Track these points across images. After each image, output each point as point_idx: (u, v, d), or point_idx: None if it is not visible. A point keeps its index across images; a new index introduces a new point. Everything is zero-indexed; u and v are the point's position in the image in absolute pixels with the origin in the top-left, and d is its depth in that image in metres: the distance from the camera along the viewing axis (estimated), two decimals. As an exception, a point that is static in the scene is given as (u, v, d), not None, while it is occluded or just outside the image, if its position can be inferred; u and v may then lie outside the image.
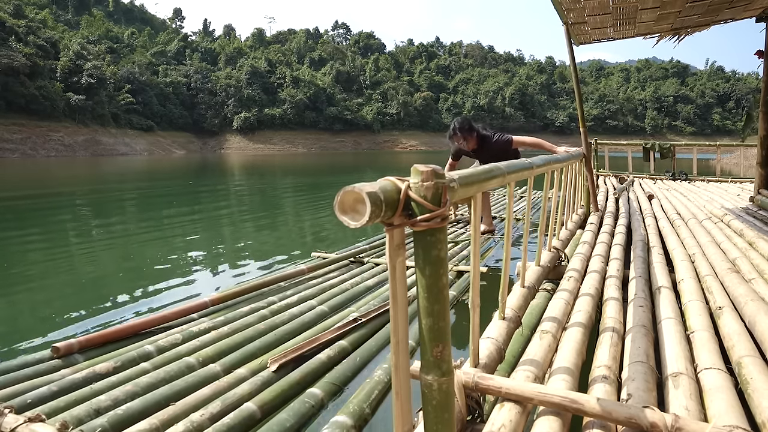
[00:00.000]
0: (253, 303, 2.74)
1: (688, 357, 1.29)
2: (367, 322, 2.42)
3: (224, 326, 2.37)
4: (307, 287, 3.06)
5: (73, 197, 10.65)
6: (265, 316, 2.53)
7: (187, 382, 1.83)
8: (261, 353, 2.09)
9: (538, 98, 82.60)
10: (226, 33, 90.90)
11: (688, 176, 7.94)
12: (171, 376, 1.87)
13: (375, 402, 1.73)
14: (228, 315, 2.54)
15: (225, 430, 1.52)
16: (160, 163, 30.99)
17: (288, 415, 1.62)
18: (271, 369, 1.92)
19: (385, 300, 2.72)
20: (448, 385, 0.81)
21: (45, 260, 4.67)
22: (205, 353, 2.06)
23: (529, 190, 1.79)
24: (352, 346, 2.20)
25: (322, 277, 3.32)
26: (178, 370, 1.91)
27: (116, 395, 1.71)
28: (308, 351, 2.08)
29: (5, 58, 41.82)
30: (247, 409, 1.64)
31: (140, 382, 1.80)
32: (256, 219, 7.68)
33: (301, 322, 2.44)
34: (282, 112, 68.23)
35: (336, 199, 0.66)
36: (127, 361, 1.98)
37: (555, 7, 3.05)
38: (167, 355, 2.06)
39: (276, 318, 2.48)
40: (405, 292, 0.81)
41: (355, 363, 2.05)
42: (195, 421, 1.55)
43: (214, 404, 1.65)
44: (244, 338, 2.23)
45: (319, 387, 1.82)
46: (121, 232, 6.40)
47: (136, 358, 2.02)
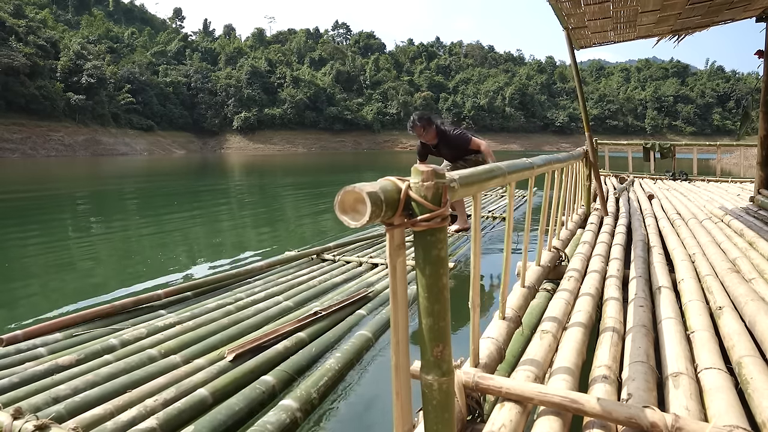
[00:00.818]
0: (220, 298, 2.84)
1: (689, 357, 1.30)
2: (328, 315, 2.52)
3: (189, 321, 2.44)
4: (275, 283, 3.15)
5: (71, 195, 10.67)
6: (230, 311, 2.61)
7: (146, 372, 1.91)
8: (222, 345, 2.17)
9: (538, 98, 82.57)
10: (226, 33, 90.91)
11: (688, 176, 7.94)
12: (132, 366, 1.94)
13: (323, 388, 1.84)
14: (195, 310, 2.62)
15: (175, 413, 1.61)
16: (160, 163, 31.03)
17: (238, 400, 1.71)
18: (228, 359, 2.00)
19: (349, 295, 2.82)
20: (449, 385, 0.81)
21: (36, 254, 4.78)
22: (167, 345, 2.14)
23: (530, 190, 1.79)
24: (310, 337, 2.30)
25: (291, 274, 3.43)
26: (139, 361, 1.99)
27: (76, 385, 1.78)
28: (266, 342, 2.16)
29: (5, 58, 41.81)
30: (199, 395, 1.73)
31: (101, 372, 1.87)
32: (244, 216, 7.81)
33: (264, 317, 2.53)
34: (282, 112, 68.22)
35: (336, 199, 0.66)
36: (90, 354, 2.05)
37: (555, 13, 3.04)
38: (130, 348, 2.13)
39: (240, 313, 2.57)
40: (405, 292, 0.81)
41: (311, 353, 2.14)
42: (148, 406, 1.63)
43: (169, 391, 1.74)
44: (207, 332, 2.31)
45: (273, 375, 1.90)
46: (115, 228, 6.54)
47: (100, 351, 2.09)
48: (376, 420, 1.80)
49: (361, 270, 3.57)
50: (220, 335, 2.26)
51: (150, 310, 2.64)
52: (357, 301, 2.78)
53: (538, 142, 74.93)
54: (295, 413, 1.64)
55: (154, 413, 1.60)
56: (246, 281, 3.23)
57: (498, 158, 1.46)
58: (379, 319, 2.56)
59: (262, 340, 2.16)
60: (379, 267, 3.59)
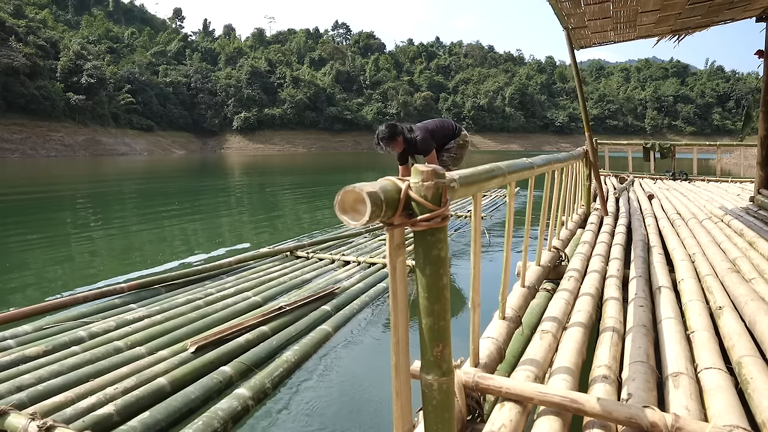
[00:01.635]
0: (191, 293, 2.92)
1: (689, 357, 1.29)
2: (292, 311, 2.59)
3: (158, 314, 2.52)
4: (246, 279, 3.22)
5: (67, 195, 10.68)
6: (199, 305, 2.68)
7: (110, 362, 1.98)
8: (187, 338, 2.24)
9: (538, 98, 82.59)
10: (226, 33, 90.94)
11: (688, 176, 7.93)
12: (97, 357, 2.02)
13: (278, 378, 1.95)
14: (164, 304, 2.69)
15: (133, 400, 1.70)
16: (160, 162, 31.05)
17: (195, 389, 1.81)
18: (190, 351, 2.08)
19: (317, 291, 2.91)
20: (449, 384, 0.81)
21: (23, 249, 4.87)
22: (133, 338, 2.21)
23: (530, 190, 1.79)
24: (272, 331, 2.38)
25: (263, 270, 3.49)
26: (105, 352, 2.06)
27: (41, 374, 1.84)
28: (229, 335, 2.24)
29: (5, 58, 41.82)
30: (158, 383, 1.81)
31: (66, 362, 1.94)
32: (234, 214, 7.90)
33: (231, 311, 2.59)
34: (282, 112, 68.23)
35: (336, 199, 0.66)
36: (58, 345, 2.11)
37: (555, 13, 3.04)
38: (98, 340, 2.20)
39: (209, 307, 2.64)
40: (405, 292, 0.81)
41: (271, 346, 2.22)
42: (108, 394, 1.72)
43: (129, 380, 1.82)
44: (174, 325, 2.37)
45: (231, 366, 2.00)
46: (107, 224, 6.62)
47: (68, 342, 2.15)
48: (324, 407, 1.89)
49: (333, 267, 3.63)
50: (186, 329, 2.34)
51: (122, 303, 2.72)
52: (323, 297, 2.86)
53: (538, 142, 74.96)
54: (247, 401, 1.76)
55: (113, 400, 1.69)
56: (218, 277, 3.32)
57: (498, 158, 1.46)
58: (342, 315, 2.65)
59: (225, 333, 2.24)
60: (351, 265, 3.67)
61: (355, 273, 3.46)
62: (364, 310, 2.83)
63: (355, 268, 3.58)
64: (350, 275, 3.38)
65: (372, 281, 3.28)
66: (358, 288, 3.12)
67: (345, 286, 3.11)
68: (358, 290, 3.08)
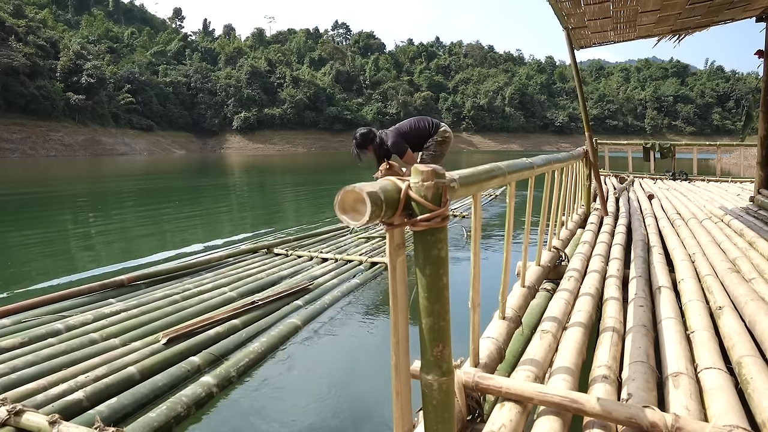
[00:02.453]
0: (169, 288, 2.98)
1: (689, 357, 1.29)
2: (264, 305, 2.67)
3: (135, 308, 2.58)
4: (224, 276, 3.29)
5: (65, 194, 10.69)
6: (175, 300, 2.74)
7: (84, 353, 2.04)
8: (161, 331, 2.29)
9: (538, 98, 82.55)
10: (226, 33, 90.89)
11: (688, 176, 7.93)
12: (72, 348, 2.08)
13: (243, 368, 2.05)
14: (142, 298, 2.76)
15: (103, 387, 1.78)
16: (160, 162, 31.04)
17: (163, 377, 1.89)
18: (161, 342, 2.16)
19: (291, 287, 2.97)
20: (449, 384, 0.80)
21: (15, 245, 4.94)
22: (109, 330, 2.27)
23: (530, 190, 1.78)
24: (243, 324, 2.45)
25: (242, 266, 3.55)
26: (80, 344, 2.12)
27: (15, 364, 1.89)
28: (200, 328, 2.31)
29: (5, 58, 41.78)
30: (128, 372, 1.89)
31: (42, 353, 2.00)
32: (223, 212, 7.97)
33: (206, 306, 2.66)
34: (282, 112, 68.18)
35: (336, 199, 0.66)
36: (34, 337, 2.17)
37: (555, 13, 3.04)
38: (74, 332, 2.26)
39: (185, 302, 2.71)
40: (405, 292, 0.81)
41: (240, 338, 2.31)
42: (80, 382, 1.80)
43: (101, 369, 1.90)
44: (150, 318, 2.44)
45: (200, 356, 2.08)
46: (100, 221, 6.74)
47: (44, 335, 2.21)
48: (285, 396, 1.96)
49: (310, 264, 3.69)
50: (161, 322, 2.40)
51: (101, 298, 2.77)
52: (297, 292, 2.93)
53: (538, 142, 74.94)
54: (211, 388, 1.87)
55: (84, 387, 1.76)
56: (198, 273, 3.38)
57: (498, 158, 1.46)
58: (312, 309, 2.73)
59: (196, 326, 2.31)
60: (328, 262, 3.73)
61: (331, 270, 3.52)
62: (334, 305, 2.91)
63: (332, 265, 3.65)
64: (326, 272, 3.45)
65: (346, 278, 3.35)
66: (331, 284, 3.19)
67: (319, 282, 3.19)
68: (330, 286, 3.15)
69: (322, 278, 3.28)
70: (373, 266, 3.63)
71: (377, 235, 4.50)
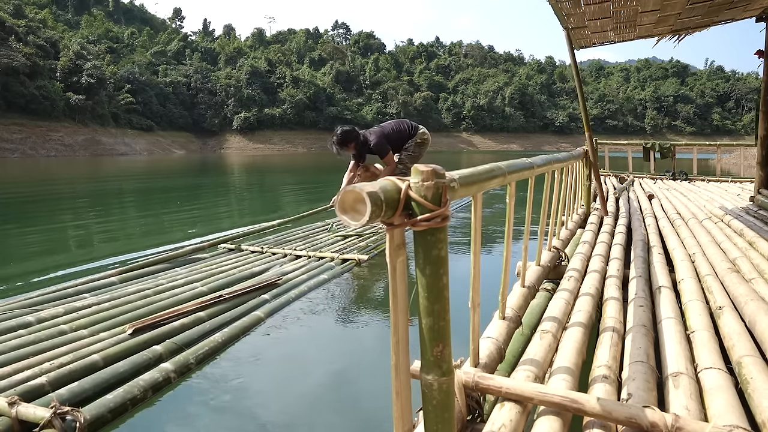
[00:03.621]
0: (142, 283, 3.04)
1: (689, 357, 1.29)
2: (231, 298, 2.74)
3: (107, 302, 2.63)
4: (198, 271, 3.34)
5: (62, 193, 10.71)
6: (147, 295, 2.79)
7: (52, 343, 2.10)
8: (128, 323, 2.34)
9: (538, 98, 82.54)
10: (226, 33, 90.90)
11: (688, 176, 7.93)
12: (40, 339, 2.13)
13: (202, 356, 2.13)
14: (114, 293, 2.80)
15: (66, 373, 1.84)
16: (160, 162, 31.04)
17: (124, 364, 1.97)
18: (128, 332, 2.23)
19: (260, 281, 3.05)
20: (449, 384, 0.80)
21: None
22: (79, 323, 2.32)
23: (530, 190, 1.78)
24: (208, 317, 2.52)
25: (217, 263, 3.59)
26: (49, 335, 2.19)
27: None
28: (166, 320, 2.38)
29: (5, 58, 41.77)
30: (91, 359, 1.96)
31: (10, 344, 2.05)
32: (213, 210, 8.02)
33: (176, 300, 2.71)
34: (282, 112, 68.15)
35: (336, 199, 0.66)
36: (4, 329, 2.22)
37: (555, 13, 3.04)
38: (44, 324, 2.30)
39: (156, 296, 2.76)
40: (405, 292, 0.81)
41: (204, 329, 2.38)
42: (44, 368, 1.86)
43: (66, 357, 1.96)
44: (120, 312, 2.49)
45: (163, 345, 2.15)
46: (93, 218, 6.74)
47: (15, 326, 2.26)
48: (239, 383, 2.03)
49: (284, 261, 3.74)
50: (130, 314, 2.45)
51: (75, 293, 2.82)
52: (265, 287, 2.99)
53: (538, 142, 74.93)
54: (169, 373, 1.96)
55: (48, 372, 1.83)
56: (173, 269, 3.44)
57: (498, 158, 1.47)
58: (277, 303, 2.80)
59: (162, 318, 2.37)
60: (301, 258, 3.79)
61: (303, 266, 3.58)
62: (300, 299, 2.97)
63: (304, 261, 3.72)
64: (296, 268, 3.51)
65: (315, 274, 3.41)
66: (300, 280, 3.25)
67: (288, 278, 3.25)
68: (299, 282, 3.21)
69: (291, 274, 3.35)
70: (344, 263, 3.72)
71: (353, 234, 4.60)
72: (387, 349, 2.27)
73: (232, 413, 1.82)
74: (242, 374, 2.09)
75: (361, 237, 4.49)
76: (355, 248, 4.09)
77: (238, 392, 1.95)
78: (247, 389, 1.99)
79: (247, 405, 1.88)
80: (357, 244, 4.25)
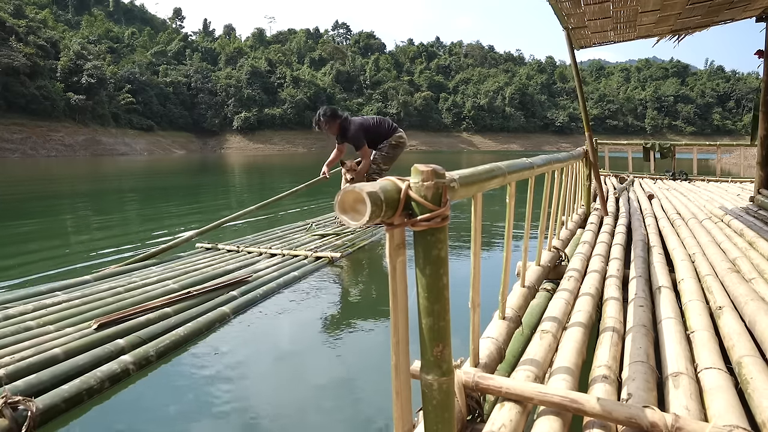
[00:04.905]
0: (115, 281, 3.06)
1: (689, 357, 1.29)
2: (199, 295, 2.76)
3: (77, 299, 2.64)
4: (172, 270, 3.35)
5: (59, 191, 10.72)
6: (119, 292, 2.81)
7: (16, 338, 2.12)
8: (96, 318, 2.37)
9: (538, 98, 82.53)
10: (227, 33, 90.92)
11: (688, 176, 7.93)
12: (5, 335, 2.14)
13: (164, 349, 2.17)
14: (85, 290, 2.81)
15: (24, 366, 1.86)
16: (160, 162, 31.05)
17: (85, 356, 1.99)
18: (93, 327, 2.26)
19: (230, 279, 3.09)
20: (449, 384, 0.81)
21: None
22: (46, 319, 2.34)
23: (530, 190, 1.78)
24: (175, 312, 2.54)
25: (191, 261, 3.63)
26: (14, 330, 2.19)
27: None
28: (132, 315, 2.40)
29: (6, 58, 41.79)
30: (52, 353, 1.98)
31: None
32: (203, 209, 7.96)
33: (147, 297, 2.73)
34: (282, 112, 68.15)
35: (336, 199, 0.66)
36: None
37: (555, 13, 3.04)
38: (11, 321, 2.32)
39: (127, 293, 2.79)
40: (405, 292, 0.81)
41: (169, 324, 2.39)
42: (3, 362, 1.88)
43: (28, 351, 1.99)
44: (89, 308, 2.51)
45: (125, 340, 2.17)
46: (83, 216, 6.73)
47: None
48: (201, 373, 2.08)
49: (259, 259, 3.77)
50: (99, 311, 2.47)
51: (47, 291, 2.83)
52: (234, 283, 3.01)
53: (538, 142, 74.93)
54: (128, 365, 1.99)
55: (8, 366, 1.84)
56: (148, 267, 3.46)
57: (498, 158, 1.47)
58: (244, 300, 2.83)
59: (128, 313, 2.40)
60: (276, 257, 3.82)
61: (276, 264, 3.61)
62: (269, 296, 3.00)
63: (279, 259, 3.75)
64: (269, 266, 3.54)
65: (286, 271, 3.43)
66: (271, 277, 3.27)
67: (258, 275, 3.28)
68: (269, 279, 3.23)
69: (263, 271, 3.38)
70: (317, 260, 3.76)
71: (331, 233, 4.66)
72: (352, 344, 2.32)
73: (187, 404, 1.87)
74: (202, 367, 2.13)
75: (338, 236, 4.55)
76: (331, 247, 4.13)
77: (195, 385, 2.00)
78: (206, 382, 2.04)
79: (203, 398, 1.93)
80: (333, 242, 4.31)
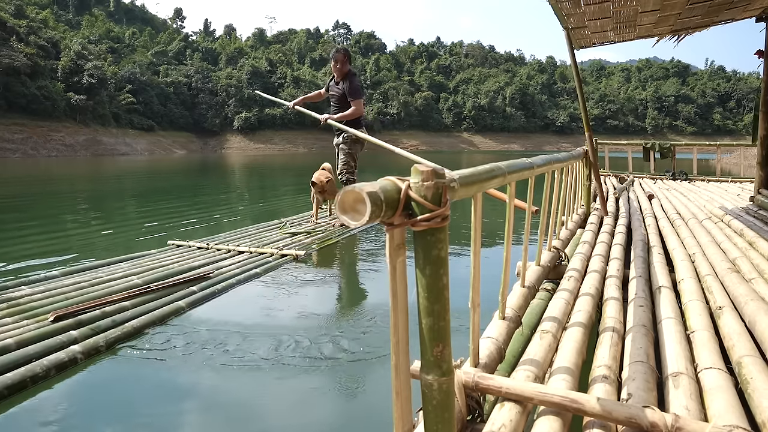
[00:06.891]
0: (80, 276, 3.11)
1: (688, 357, 1.30)
2: (158, 290, 2.81)
3: (40, 293, 2.70)
4: (139, 266, 3.39)
5: (59, 191, 10.73)
6: (83, 287, 2.84)
7: None
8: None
9: (538, 98, 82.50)
10: (227, 33, 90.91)
11: (688, 176, 7.93)
12: None
13: (114, 340, 2.24)
14: (50, 285, 2.87)
15: None
16: (161, 162, 31.06)
17: (36, 346, 2.04)
18: (49, 319, 2.30)
19: (191, 275, 3.14)
20: (449, 384, 0.81)
21: None
22: (6, 312, 2.40)
23: (530, 190, 1.78)
24: (132, 306, 2.59)
25: (159, 259, 3.66)
26: None
27: None
28: (90, 308, 2.45)
29: (6, 58, 41.79)
30: (5, 343, 2.02)
31: None
32: (194, 208, 7.98)
33: (109, 291, 2.78)
34: (282, 112, 68.07)
35: (336, 199, 0.66)
36: None
37: (555, 13, 3.04)
38: None
39: (90, 288, 2.82)
40: (405, 292, 0.81)
41: (124, 318, 2.45)
42: None
43: None
44: (52, 302, 2.55)
45: (78, 331, 2.22)
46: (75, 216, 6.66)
47: None
48: (147, 364, 2.15)
49: (225, 256, 3.81)
50: (60, 304, 2.51)
51: (13, 285, 2.88)
52: (194, 279, 3.07)
53: (539, 142, 74.90)
54: (76, 354, 2.05)
55: None
56: (116, 263, 3.51)
57: (498, 158, 1.47)
58: (202, 295, 2.89)
59: (85, 307, 2.44)
60: (244, 254, 3.87)
61: (241, 261, 3.66)
62: (227, 292, 3.05)
63: (245, 257, 3.80)
64: (234, 263, 3.59)
65: (249, 268, 3.49)
66: (232, 273, 3.33)
67: (221, 272, 3.33)
68: (230, 275, 3.29)
69: (226, 268, 3.44)
70: (282, 258, 3.81)
71: (302, 231, 4.72)
72: (303, 339, 2.27)
73: (130, 391, 1.95)
74: (149, 356, 2.19)
75: (309, 234, 4.62)
76: (300, 245, 4.19)
77: (141, 373, 2.07)
78: (152, 370, 2.09)
79: (146, 384, 2.00)
80: (303, 241, 4.36)
